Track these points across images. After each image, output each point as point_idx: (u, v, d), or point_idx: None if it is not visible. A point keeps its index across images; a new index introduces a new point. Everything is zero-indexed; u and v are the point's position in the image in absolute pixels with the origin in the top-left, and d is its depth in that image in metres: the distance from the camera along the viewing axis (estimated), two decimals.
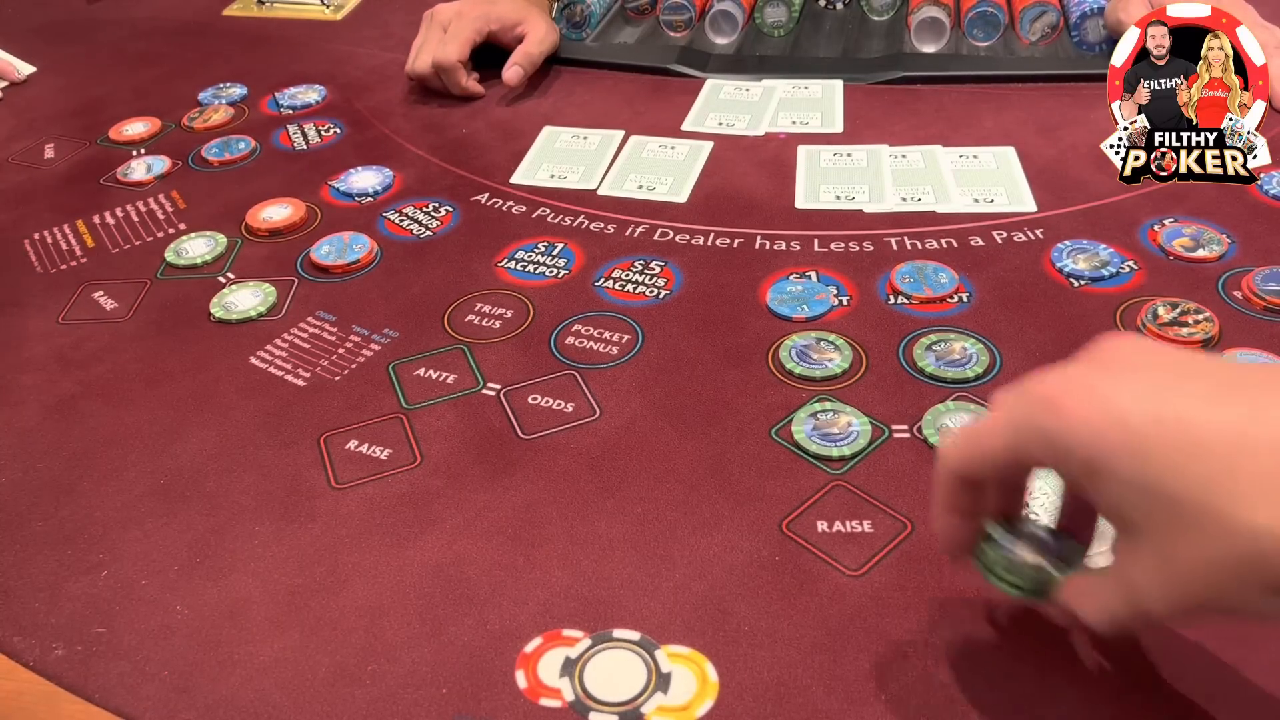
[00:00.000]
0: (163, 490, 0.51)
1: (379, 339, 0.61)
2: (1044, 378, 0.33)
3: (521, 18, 0.90)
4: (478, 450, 0.52)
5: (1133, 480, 0.31)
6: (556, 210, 0.72)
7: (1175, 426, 0.30)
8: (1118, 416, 0.31)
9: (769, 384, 0.55)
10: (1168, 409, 0.30)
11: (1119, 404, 0.31)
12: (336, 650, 0.43)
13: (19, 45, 1.03)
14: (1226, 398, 0.30)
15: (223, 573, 0.47)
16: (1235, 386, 0.31)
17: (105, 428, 0.56)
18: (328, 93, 0.91)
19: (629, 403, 0.55)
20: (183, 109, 0.90)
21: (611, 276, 0.65)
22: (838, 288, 0.62)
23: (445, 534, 0.48)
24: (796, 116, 0.82)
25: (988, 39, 0.89)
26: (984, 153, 0.75)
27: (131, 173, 0.80)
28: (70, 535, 0.49)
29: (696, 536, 0.47)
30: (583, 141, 0.80)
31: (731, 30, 0.95)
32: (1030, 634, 0.41)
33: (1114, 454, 0.31)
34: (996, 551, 0.37)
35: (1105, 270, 0.62)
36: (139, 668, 0.43)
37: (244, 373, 0.59)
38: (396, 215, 0.73)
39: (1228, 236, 0.64)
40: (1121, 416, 0.31)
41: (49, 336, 0.63)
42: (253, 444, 0.54)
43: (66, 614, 0.45)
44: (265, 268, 0.68)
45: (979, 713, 0.39)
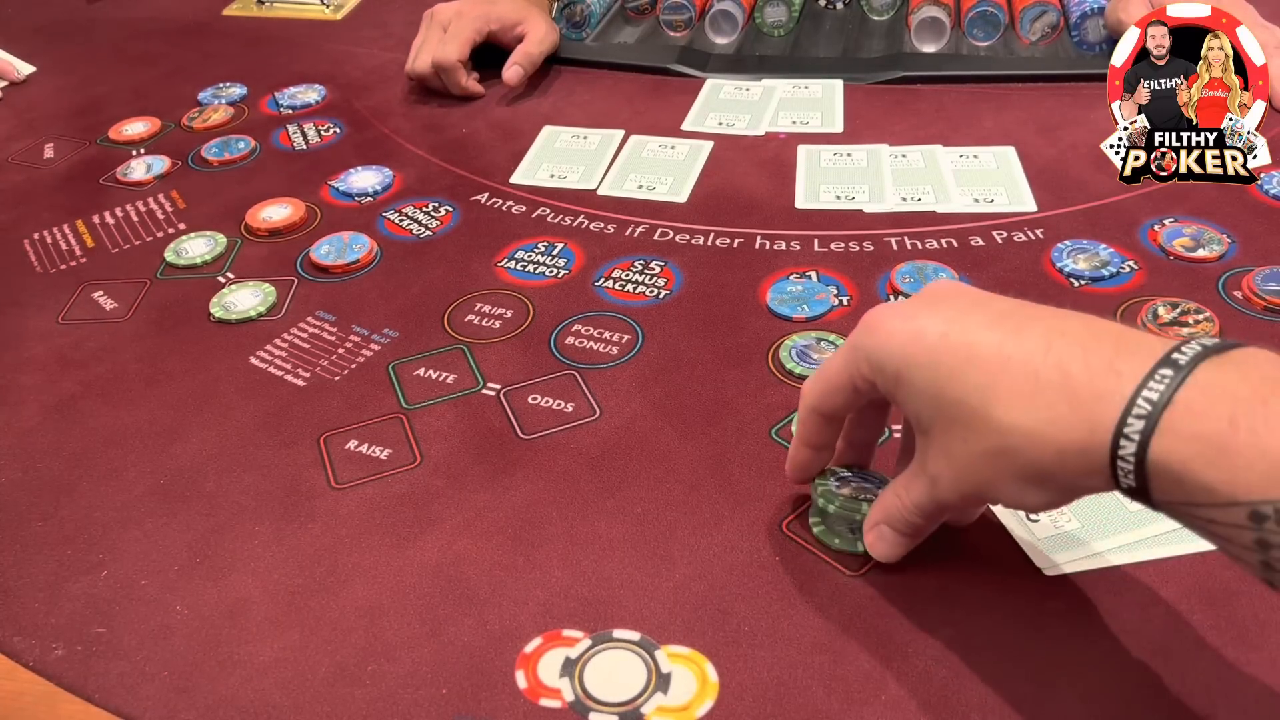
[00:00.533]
0: (163, 490, 0.51)
1: (379, 339, 0.61)
2: (877, 308, 0.41)
3: (521, 17, 0.90)
4: (478, 450, 0.52)
5: (926, 387, 0.38)
6: (556, 210, 0.72)
7: (959, 342, 0.37)
8: (918, 334, 0.38)
9: (769, 384, 0.55)
10: (955, 329, 0.37)
11: (920, 325, 0.38)
12: (336, 650, 0.43)
13: (19, 45, 1.03)
14: (999, 323, 0.37)
15: (222, 573, 0.47)
16: (1008, 315, 0.37)
17: (105, 428, 0.56)
18: (327, 92, 0.91)
19: (629, 403, 0.55)
20: (182, 109, 0.90)
21: (611, 276, 0.65)
22: (838, 288, 0.62)
23: (445, 534, 0.48)
24: (796, 116, 0.82)
25: (988, 39, 0.89)
26: (984, 153, 0.75)
27: (131, 172, 0.80)
28: (70, 535, 0.49)
29: (696, 536, 0.47)
30: (583, 141, 0.80)
31: (731, 30, 0.95)
32: (1030, 634, 0.41)
33: (913, 364, 0.38)
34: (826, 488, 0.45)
35: (1105, 270, 0.62)
36: (139, 668, 0.43)
37: (244, 373, 0.59)
38: (396, 215, 0.73)
39: (1228, 236, 0.64)
40: (921, 334, 0.38)
41: (49, 336, 0.63)
42: (252, 444, 0.54)
43: (66, 614, 0.45)
44: (265, 268, 0.68)
45: (979, 713, 0.39)
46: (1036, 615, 0.42)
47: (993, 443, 0.36)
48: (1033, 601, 0.43)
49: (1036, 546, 0.45)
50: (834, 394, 0.42)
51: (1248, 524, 0.30)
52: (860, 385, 0.41)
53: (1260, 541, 0.30)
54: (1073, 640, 0.41)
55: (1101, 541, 0.44)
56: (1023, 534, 0.45)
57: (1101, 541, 0.44)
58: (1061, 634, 0.41)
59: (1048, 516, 0.46)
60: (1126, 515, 0.45)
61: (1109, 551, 0.44)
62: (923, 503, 0.41)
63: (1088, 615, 0.42)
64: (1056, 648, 0.41)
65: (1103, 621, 0.42)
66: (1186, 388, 0.32)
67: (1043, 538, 0.45)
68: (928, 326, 0.38)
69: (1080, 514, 0.46)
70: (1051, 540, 0.45)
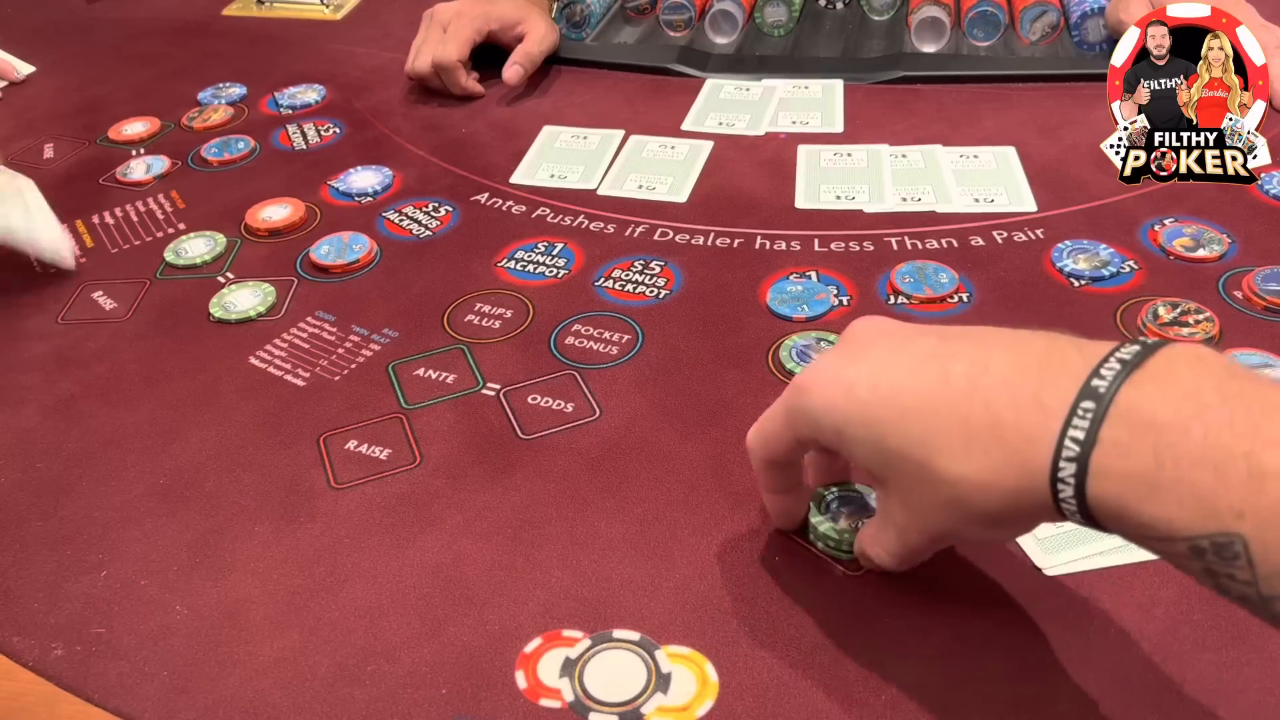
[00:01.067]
0: (162, 490, 0.51)
1: (379, 339, 0.61)
2: (805, 369, 0.41)
3: (521, 17, 0.90)
4: (477, 450, 0.52)
5: (867, 441, 0.37)
6: (556, 210, 0.72)
7: (888, 394, 0.36)
8: (848, 390, 0.38)
9: (769, 384, 0.55)
10: (883, 379, 0.37)
11: (848, 378, 0.38)
12: (336, 650, 0.43)
13: (19, 45, 1.03)
14: (924, 367, 0.36)
15: (222, 573, 0.47)
16: (932, 356, 0.36)
17: (105, 428, 0.56)
18: (327, 92, 0.91)
19: (629, 403, 0.55)
20: (182, 109, 0.90)
21: (611, 276, 0.65)
22: (838, 288, 0.62)
23: (445, 534, 0.48)
24: (796, 116, 0.82)
25: (988, 39, 0.89)
26: (984, 152, 0.75)
27: (131, 172, 0.80)
28: (70, 535, 0.49)
29: (697, 537, 0.47)
30: (583, 141, 0.80)
31: (731, 30, 0.95)
32: (1030, 634, 0.41)
33: (850, 422, 0.37)
34: (817, 518, 0.45)
35: (1106, 270, 0.62)
36: (138, 668, 0.43)
37: (243, 373, 0.59)
38: (396, 215, 0.73)
39: (1228, 236, 0.64)
40: (850, 389, 0.37)
41: (49, 336, 0.63)
42: (252, 444, 0.54)
43: (66, 614, 0.45)
44: (265, 268, 0.68)
45: (979, 713, 0.39)
46: (1036, 615, 0.42)
47: (944, 493, 0.35)
48: (1033, 601, 0.43)
49: (1036, 546, 0.45)
50: (779, 448, 0.42)
51: (1190, 556, 0.30)
52: (804, 439, 0.40)
53: (1206, 570, 0.30)
54: (1073, 640, 0.41)
55: (1101, 541, 0.44)
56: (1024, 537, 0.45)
57: (1101, 541, 0.44)
58: (1061, 634, 0.41)
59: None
60: None
61: (1109, 551, 0.44)
62: (895, 550, 0.41)
63: (1088, 615, 0.42)
64: (1056, 648, 0.41)
65: (1103, 621, 0.42)
66: (1110, 423, 0.31)
67: (1043, 537, 0.45)
68: (856, 380, 0.37)
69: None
70: (1052, 540, 0.45)
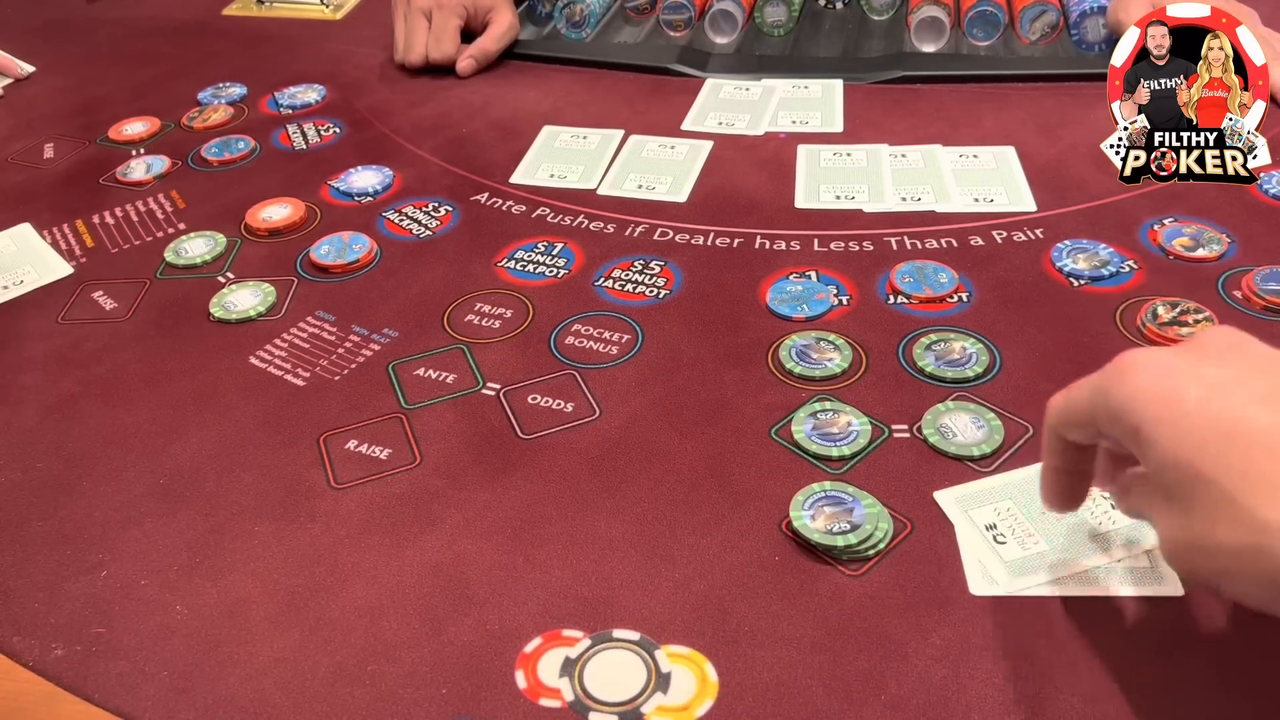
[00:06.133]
0: (162, 490, 0.51)
1: (378, 339, 0.61)
2: (1136, 351, 0.36)
3: (491, 5, 0.94)
4: (477, 450, 0.52)
5: (1171, 453, 0.33)
6: (556, 210, 0.72)
7: (1222, 415, 0.32)
8: (1173, 395, 0.34)
9: (769, 384, 0.55)
10: (1220, 398, 0.33)
11: (1178, 385, 0.34)
12: (336, 650, 0.43)
13: (19, 45, 1.03)
14: (1274, 401, 0.32)
15: (222, 573, 0.47)
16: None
17: (105, 428, 0.56)
18: (327, 92, 0.91)
19: (629, 403, 0.55)
20: (182, 109, 0.90)
21: (611, 276, 0.65)
22: (837, 287, 0.62)
23: (445, 534, 0.48)
24: (796, 116, 0.82)
25: (988, 38, 0.89)
26: (984, 152, 0.75)
27: (131, 172, 0.80)
28: (70, 535, 0.49)
29: (696, 536, 0.47)
30: (582, 141, 0.80)
31: (731, 30, 0.95)
32: (1030, 634, 0.41)
33: (1160, 425, 0.33)
34: (801, 522, 0.45)
35: (1105, 270, 0.62)
36: (138, 668, 0.43)
37: (243, 372, 0.59)
38: (396, 215, 0.73)
39: (1228, 236, 0.64)
40: (1177, 395, 0.34)
41: (49, 336, 0.63)
42: (252, 444, 0.54)
43: (66, 614, 0.45)
44: (265, 267, 0.68)
45: (979, 713, 0.39)
46: (1036, 615, 0.42)
47: (1245, 539, 0.31)
48: (1033, 602, 0.43)
49: (998, 565, 0.44)
50: (1073, 420, 0.38)
51: None
52: (1100, 423, 0.37)
53: None
54: (1073, 640, 0.41)
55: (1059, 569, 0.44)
56: (985, 553, 0.45)
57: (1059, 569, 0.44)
58: (1061, 634, 0.41)
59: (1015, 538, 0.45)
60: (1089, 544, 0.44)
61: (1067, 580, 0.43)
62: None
63: (1088, 615, 0.42)
64: (1056, 648, 0.41)
65: (1103, 621, 0.42)
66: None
67: (1009, 560, 0.44)
68: (1187, 386, 0.34)
69: (1050, 537, 0.45)
70: (1015, 562, 0.44)
